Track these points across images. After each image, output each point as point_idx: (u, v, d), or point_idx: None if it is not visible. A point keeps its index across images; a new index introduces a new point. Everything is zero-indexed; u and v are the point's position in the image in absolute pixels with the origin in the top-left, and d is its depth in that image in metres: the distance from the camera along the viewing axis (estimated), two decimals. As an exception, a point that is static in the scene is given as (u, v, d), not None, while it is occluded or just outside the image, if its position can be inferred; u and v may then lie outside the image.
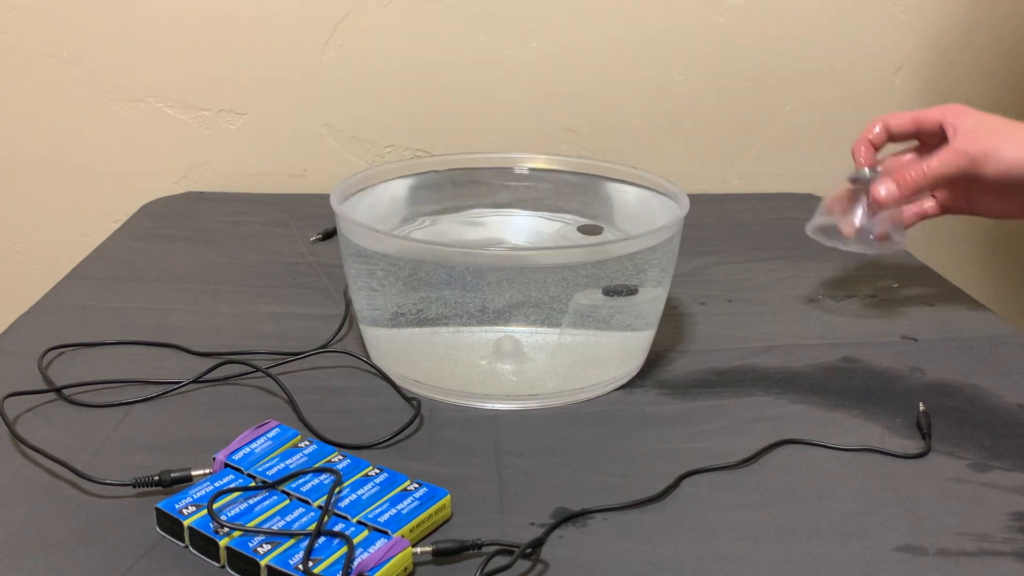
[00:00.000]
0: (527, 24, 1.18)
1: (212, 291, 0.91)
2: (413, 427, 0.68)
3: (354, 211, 0.77)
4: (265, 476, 0.59)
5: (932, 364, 0.78)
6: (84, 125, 1.20)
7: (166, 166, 1.22)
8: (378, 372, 0.75)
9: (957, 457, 0.65)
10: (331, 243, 1.03)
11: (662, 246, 0.72)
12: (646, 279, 0.73)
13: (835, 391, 0.74)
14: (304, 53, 1.18)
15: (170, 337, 0.80)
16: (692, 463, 0.63)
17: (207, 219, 1.11)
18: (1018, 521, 0.58)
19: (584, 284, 0.70)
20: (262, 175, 1.22)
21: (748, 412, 0.71)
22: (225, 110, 1.20)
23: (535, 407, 0.71)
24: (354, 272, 0.75)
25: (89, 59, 1.18)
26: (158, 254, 1.00)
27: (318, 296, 0.90)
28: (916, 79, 1.23)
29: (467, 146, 1.19)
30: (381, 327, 0.75)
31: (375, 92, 1.20)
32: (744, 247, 1.04)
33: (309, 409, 0.69)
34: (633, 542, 0.56)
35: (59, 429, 0.67)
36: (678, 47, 1.18)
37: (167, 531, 0.56)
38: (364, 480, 0.59)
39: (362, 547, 0.53)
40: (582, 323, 0.72)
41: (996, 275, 1.33)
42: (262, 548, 0.52)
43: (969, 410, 0.71)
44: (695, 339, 0.82)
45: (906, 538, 0.57)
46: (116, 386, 0.73)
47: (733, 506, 0.60)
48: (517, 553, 0.53)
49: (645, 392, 0.74)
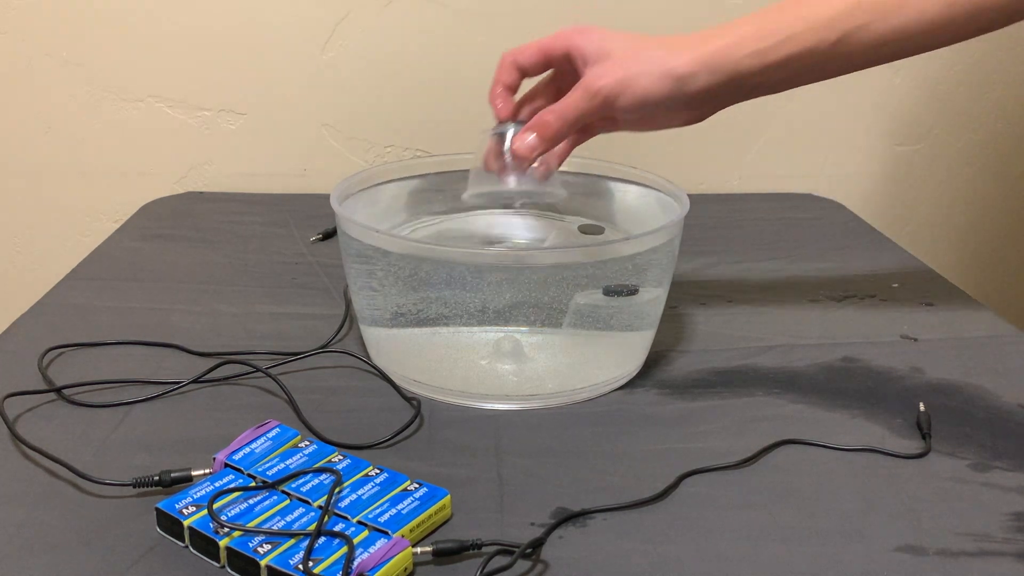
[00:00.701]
0: (527, 24, 1.18)
1: (212, 291, 0.91)
2: (413, 427, 0.68)
3: (354, 211, 0.77)
4: (265, 476, 0.59)
5: (932, 364, 0.78)
6: (84, 125, 1.20)
7: (166, 166, 1.22)
8: (378, 372, 0.75)
9: (957, 457, 0.65)
10: (331, 243, 1.03)
11: (662, 246, 0.72)
12: (646, 279, 0.73)
13: (835, 391, 0.74)
14: (304, 53, 1.18)
15: (170, 337, 0.80)
16: (692, 463, 0.63)
17: (207, 219, 1.11)
18: (1018, 521, 0.58)
19: (584, 284, 0.70)
20: (262, 175, 1.22)
21: (748, 412, 0.71)
22: (225, 110, 1.20)
23: (535, 407, 0.71)
24: (354, 272, 0.75)
25: (89, 59, 1.18)
26: (158, 254, 1.00)
27: (318, 296, 0.90)
28: (916, 79, 1.23)
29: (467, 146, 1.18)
30: (381, 327, 0.75)
31: (375, 92, 1.20)
32: (744, 247, 1.04)
33: (309, 409, 0.69)
34: (633, 542, 0.56)
35: (59, 429, 0.67)
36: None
37: (167, 531, 0.56)
38: (364, 480, 0.59)
39: (362, 547, 0.53)
40: (582, 323, 0.72)
41: (996, 275, 1.33)
42: (262, 548, 0.52)
43: (969, 410, 0.71)
44: (695, 339, 0.82)
45: (906, 538, 0.57)
46: (116, 386, 0.73)
47: (733, 506, 0.60)
48: (517, 553, 0.53)
49: (645, 392, 0.74)
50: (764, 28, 0.66)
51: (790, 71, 0.66)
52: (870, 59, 0.67)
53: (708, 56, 0.66)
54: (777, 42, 0.65)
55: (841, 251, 1.04)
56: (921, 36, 0.65)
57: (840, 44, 0.65)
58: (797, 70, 0.67)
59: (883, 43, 0.66)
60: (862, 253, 1.04)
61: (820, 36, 0.65)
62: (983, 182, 1.29)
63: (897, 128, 1.26)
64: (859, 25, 0.64)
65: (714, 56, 0.66)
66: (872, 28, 0.65)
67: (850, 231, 1.11)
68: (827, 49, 0.65)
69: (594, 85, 0.68)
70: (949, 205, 1.30)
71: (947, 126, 1.26)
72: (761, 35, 0.65)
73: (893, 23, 0.65)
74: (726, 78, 0.66)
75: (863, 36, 0.65)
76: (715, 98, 0.68)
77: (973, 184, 1.29)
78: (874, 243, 1.07)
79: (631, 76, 0.67)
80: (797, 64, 0.66)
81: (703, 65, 0.66)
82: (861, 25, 0.64)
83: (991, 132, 1.27)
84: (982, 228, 1.31)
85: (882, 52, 0.67)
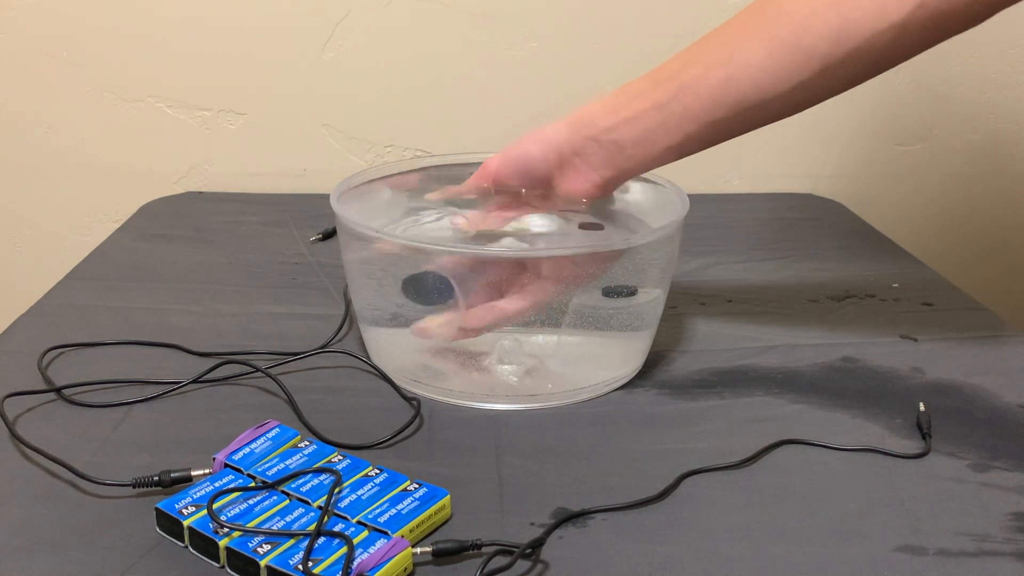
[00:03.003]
0: (527, 24, 1.19)
1: (212, 291, 0.91)
2: (413, 427, 0.68)
3: (354, 211, 0.77)
4: (265, 476, 0.59)
5: (932, 364, 0.78)
6: (84, 125, 1.20)
7: (166, 166, 1.22)
8: (378, 372, 0.75)
9: (957, 457, 0.65)
10: (331, 243, 1.03)
11: (662, 246, 0.72)
12: (646, 279, 0.73)
13: (835, 391, 0.74)
14: (304, 53, 1.18)
15: (170, 337, 0.80)
16: (692, 463, 0.63)
17: (207, 219, 1.11)
18: (1018, 521, 0.58)
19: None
20: (262, 175, 1.22)
21: (748, 412, 0.71)
22: (225, 110, 1.20)
23: (535, 407, 0.71)
24: (354, 272, 0.75)
25: (89, 59, 1.18)
26: (158, 254, 1.00)
27: (318, 296, 0.90)
28: (916, 79, 1.23)
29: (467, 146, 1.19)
30: (381, 327, 0.75)
31: (375, 92, 1.20)
32: (744, 247, 1.04)
33: (309, 409, 0.69)
34: (633, 542, 0.56)
35: (59, 429, 0.67)
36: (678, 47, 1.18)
37: (167, 531, 0.56)
38: (364, 480, 0.59)
39: (362, 547, 0.53)
40: (582, 323, 0.72)
41: (996, 275, 1.33)
42: (262, 548, 0.52)
43: (969, 410, 0.71)
44: (695, 339, 0.83)
45: (906, 538, 0.57)
46: (116, 386, 0.73)
47: (733, 506, 0.60)
48: (517, 553, 0.53)
49: (645, 392, 0.74)
50: (622, 92, 0.73)
51: (642, 125, 0.71)
52: (717, 108, 0.70)
53: (572, 118, 0.73)
54: (628, 99, 0.72)
55: (841, 251, 1.04)
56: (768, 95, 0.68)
57: (679, 95, 0.70)
58: (649, 123, 0.71)
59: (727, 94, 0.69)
60: (862, 253, 1.04)
61: (662, 90, 0.70)
62: (983, 182, 1.29)
63: (897, 128, 1.26)
64: (695, 76, 0.69)
65: (577, 116, 0.73)
66: (708, 77, 0.69)
67: (850, 231, 1.11)
68: (670, 100, 0.70)
69: (487, 164, 0.76)
70: (949, 205, 1.30)
71: (947, 126, 1.26)
72: (619, 99, 0.72)
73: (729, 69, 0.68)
74: (587, 133, 0.72)
75: (700, 86, 0.69)
76: (580, 153, 0.73)
77: (973, 184, 1.29)
78: (874, 243, 1.07)
79: (512, 146, 0.75)
80: (648, 118, 0.71)
81: (567, 124, 0.73)
82: (697, 76, 0.69)
83: (991, 132, 1.27)
84: (982, 228, 1.31)
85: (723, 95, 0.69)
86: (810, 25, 0.65)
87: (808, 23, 0.65)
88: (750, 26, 0.68)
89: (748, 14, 0.69)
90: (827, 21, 0.65)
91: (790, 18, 0.66)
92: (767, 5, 0.68)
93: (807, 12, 0.65)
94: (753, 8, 0.69)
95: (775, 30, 0.66)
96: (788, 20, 0.66)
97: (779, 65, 0.67)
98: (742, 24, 0.69)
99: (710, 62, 0.69)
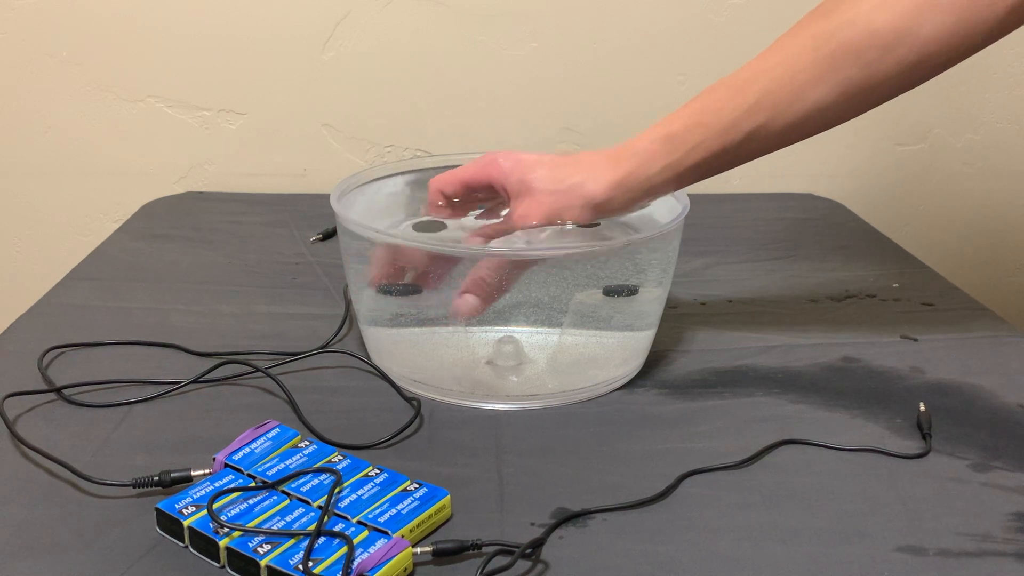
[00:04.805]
0: (527, 24, 1.19)
1: (212, 291, 0.91)
2: (413, 427, 0.68)
3: (354, 211, 0.77)
4: (265, 476, 0.59)
5: (932, 364, 0.78)
6: (84, 125, 1.20)
7: (166, 166, 1.22)
8: (378, 372, 0.75)
9: (957, 457, 0.65)
10: (331, 243, 1.03)
11: (662, 246, 0.72)
12: (646, 279, 0.73)
13: (835, 391, 0.74)
14: (304, 53, 1.18)
15: (170, 337, 0.80)
16: (692, 463, 0.63)
17: (207, 219, 1.11)
18: (1018, 521, 0.58)
19: (584, 284, 0.70)
20: (262, 175, 1.22)
21: (748, 412, 0.71)
22: (225, 110, 1.20)
23: (535, 407, 0.71)
24: (354, 272, 0.75)
25: (89, 59, 1.18)
26: (158, 254, 1.00)
27: (318, 296, 0.90)
28: (916, 79, 1.23)
29: (467, 146, 1.19)
30: (381, 327, 0.75)
31: (375, 92, 1.20)
32: (744, 247, 1.04)
33: (309, 409, 0.69)
34: (633, 542, 0.56)
35: (59, 429, 0.67)
36: (678, 47, 1.18)
37: (167, 531, 0.56)
38: (364, 480, 0.59)
39: (362, 547, 0.53)
40: (582, 323, 0.72)
41: (996, 275, 1.33)
42: (262, 548, 0.52)
43: (969, 410, 0.71)
44: (695, 339, 0.82)
45: (906, 538, 0.57)
46: (116, 386, 0.73)
47: (733, 506, 0.60)
48: (517, 553, 0.53)
49: (645, 392, 0.74)
50: (672, 142, 0.69)
51: (701, 172, 0.70)
52: (778, 146, 0.71)
53: (622, 178, 0.69)
54: (684, 153, 0.69)
55: (841, 251, 1.04)
56: (818, 123, 0.70)
57: (747, 142, 0.69)
58: (707, 171, 0.70)
59: (786, 132, 0.69)
60: (862, 253, 1.04)
61: (727, 140, 0.68)
62: (983, 182, 1.29)
63: (897, 128, 1.26)
64: (760, 124, 0.68)
65: (627, 179, 0.69)
66: (772, 125, 0.68)
67: (850, 231, 1.11)
68: (735, 149, 0.69)
69: (524, 226, 0.72)
70: (949, 205, 1.30)
71: (947, 126, 1.26)
72: (669, 149, 0.69)
73: (790, 118, 0.68)
74: (642, 194, 0.70)
75: (766, 131, 0.68)
76: (632, 207, 0.72)
77: (973, 184, 1.29)
78: (874, 243, 1.07)
79: (556, 211, 0.70)
80: (706, 167, 0.70)
81: (619, 188, 0.69)
82: (762, 124, 0.68)
83: (991, 132, 1.27)
84: (982, 228, 1.31)
85: (789, 138, 0.70)
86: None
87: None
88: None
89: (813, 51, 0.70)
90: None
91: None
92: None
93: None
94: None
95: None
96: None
97: (848, 102, 0.70)
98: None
99: (776, 107, 0.68)
